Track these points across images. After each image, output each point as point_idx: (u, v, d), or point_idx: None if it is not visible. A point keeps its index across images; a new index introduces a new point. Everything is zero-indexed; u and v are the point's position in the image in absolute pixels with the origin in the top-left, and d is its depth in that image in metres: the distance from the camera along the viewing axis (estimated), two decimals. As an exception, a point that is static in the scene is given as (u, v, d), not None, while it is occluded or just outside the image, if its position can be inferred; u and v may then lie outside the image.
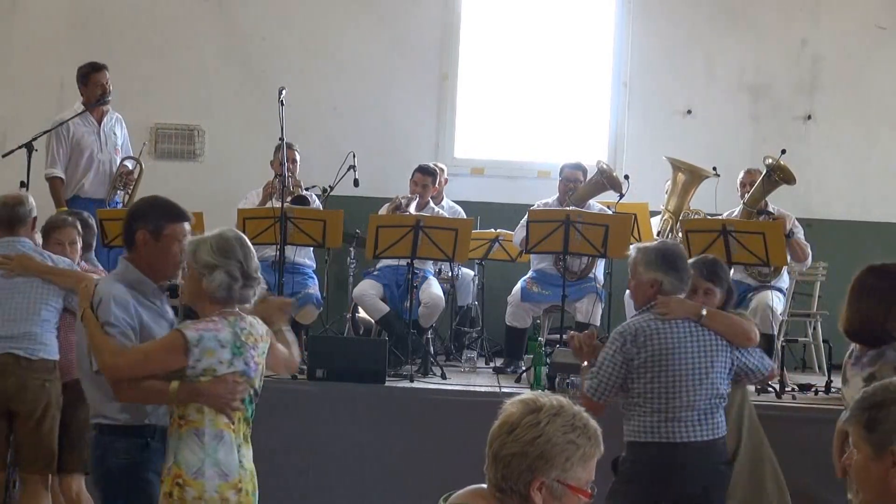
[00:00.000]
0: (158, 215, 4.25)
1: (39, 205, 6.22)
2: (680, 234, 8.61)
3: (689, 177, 8.92)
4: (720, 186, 8.96)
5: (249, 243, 4.11)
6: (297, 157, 8.87)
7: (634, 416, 4.88)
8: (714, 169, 8.93)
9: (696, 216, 8.74)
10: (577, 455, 2.65)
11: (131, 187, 8.72)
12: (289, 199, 8.32)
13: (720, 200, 8.93)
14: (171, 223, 4.22)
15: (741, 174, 8.69)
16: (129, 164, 8.80)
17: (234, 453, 3.99)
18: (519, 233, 8.40)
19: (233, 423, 3.99)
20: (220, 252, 4.00)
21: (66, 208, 8.25)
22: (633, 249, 5.06)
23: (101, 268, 6.29)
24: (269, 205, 8.30)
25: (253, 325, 4.07)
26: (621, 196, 8.58)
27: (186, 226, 4.29)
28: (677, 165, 8.98)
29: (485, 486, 2.76)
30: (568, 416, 2.68)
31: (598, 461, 2.73)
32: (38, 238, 6.11)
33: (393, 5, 10.74)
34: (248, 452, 4.06)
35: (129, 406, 4.12)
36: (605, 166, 8.86)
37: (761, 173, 8.46)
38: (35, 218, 5.88)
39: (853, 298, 4.56)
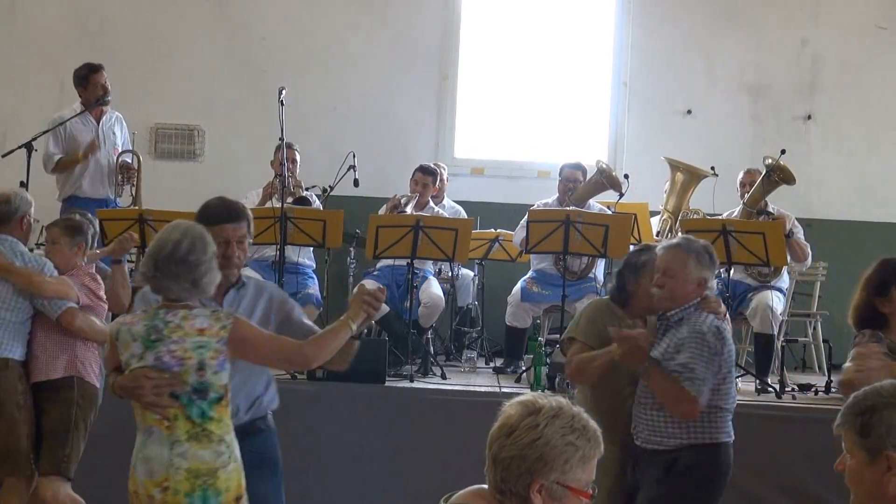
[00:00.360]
0: (200, 219, 4.29)
1: (41, 204, 6.22)
2: (679, 234, 8.61)
3: (688, 176, 8.93)
4: (719, 186, 8.97)
5: (183, 234, 3.97)
6: (298, 157, 8.87)
7: (711, 416, 4.76)
8: (712, 168, 8.93)
9: (696, 216, 8.75)
10: (576, 457, 2.65)
11: (135, 180, 8.71)
12: (290, 199, 8.32)
13: (720, 200, 8.94)
14: (207, 226, 4.19)
15: (741, 174, 8.69)
16: (128, 158, 8.80)
17: (163, 450, 3.84)
18: (519, 233, 8.40)
19: (167, 420, 3.86)
20: (153, 243, 4.04)
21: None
22: (671, 245, 4.89)
23: (101, 268, 6.27)
24: (268, 205, 8.29)
25: (187, 318, 3.88)
26: (621, 195, 8.59)
27: (226, 228, 4.30)
28: (675, 165, 8.98)
29: (485, 486, 2.76)
30: (567, 417, 2.68)
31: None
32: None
33: (393, 5, 10.75)
34: (195, 451, 3.84)
35: None
36: (604, 166, 8.86)
37: (761, 173, 8.47)
38: (23, 216, 5.79)
39: None
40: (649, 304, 4.91)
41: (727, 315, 4.96)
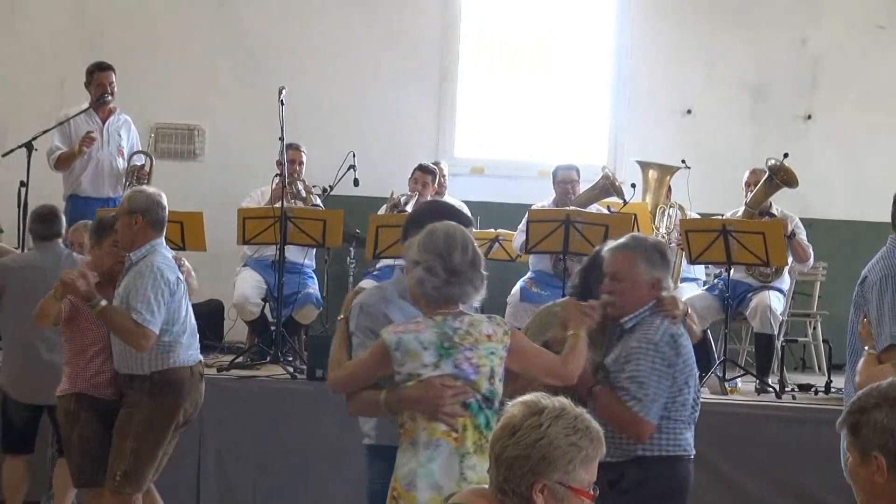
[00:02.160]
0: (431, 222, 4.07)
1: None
2: (661, 230, 8.62)
3: (659, 173, 8.96)
4: (716, 185, 8.99)
5: (464, 237, 3.84)
6: (304, 159, 8.81)
7: (661, 426, 4.30)
8: (683, 161, 8.93)
9: (672, 208, 8.74)
10: (579, 457, 2.66)
11: (144, 182, 8.70)
12: (301, 205, 8.32)
13: (716, 199, 8.97)
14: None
15: (746, 174, 8.64)
16: (139, 160, 8.78)
17: (453, 464, 3.68)
18: (518, 237, 8.39)
19: (455, 431, 3.69)
20: (422, 247, 3.80)
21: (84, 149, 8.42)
22: (618, 247, 4.41)
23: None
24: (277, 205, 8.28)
25: (474, 323, 3.79)
26: (625, 203, 8.57)
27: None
28: (645, 165, 9.02)
29: (486, 486, 2.76)
30: (570, 418, 2.68)
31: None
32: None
33: (393, 5, 10.74)
34: (482, 464, 3.56)
35: (379, 425, 4.04)
36: (609, 173, 8.84)
37: (765, 173, 8.46)
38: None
39: None
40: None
41: (689, 314, 4.54)
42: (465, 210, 4.35)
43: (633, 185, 8.68)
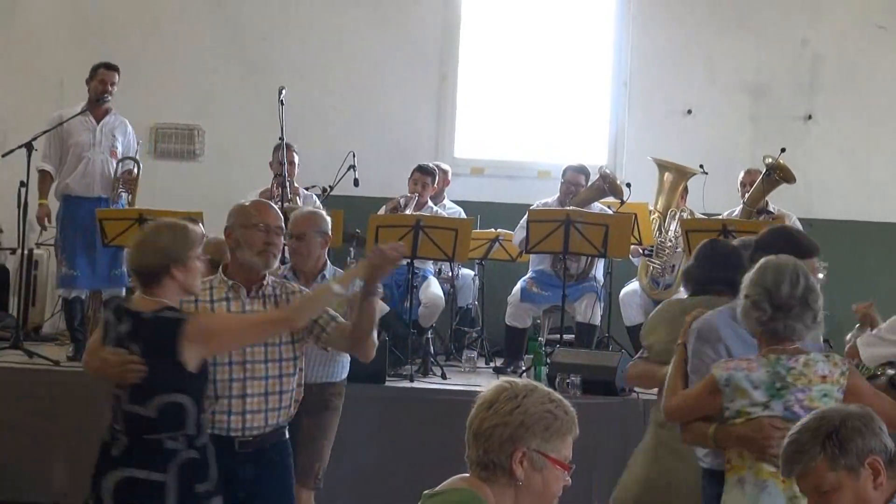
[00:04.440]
0: (790, 251, 4.05)
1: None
2: (669, 233, 8.62)
3: (676, 175, 8.94)
4: (719, 185, 8.97)
5: (795, 271, 3.79)
6: (296, 159, 8.81)
7: None
8: (701, 166, 8.93)
9: (683, 212, 8.74)
10: (555, 425, 2.74)
11: (132, 188, 8.67)
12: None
13: (720, 200, 8.94)
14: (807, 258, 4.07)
15: (741, 174, 8.70)
16: (129, 165, 8.75)
17: None
18: (518, 233, 8.40)
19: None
20: (752, 281, 3.78)
21: (45, 201, 8.43)
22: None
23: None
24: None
25: (809, 363, 3.69)
26: (622, 203, 8.58)
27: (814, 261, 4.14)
28: (663, 165, 9.00)
29: (467, 475, 2.80)
30: (542, 392, 2.78)
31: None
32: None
33: (393, 5, 10.74)
34: None
35: (712, 451, 3.98)
36: (607, 172, 8.84)
37: (761, 173, 8.47)
38: None
39: None
40: None
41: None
42: (806, 240, 4.42)
43: (629, 185, 8.67)
